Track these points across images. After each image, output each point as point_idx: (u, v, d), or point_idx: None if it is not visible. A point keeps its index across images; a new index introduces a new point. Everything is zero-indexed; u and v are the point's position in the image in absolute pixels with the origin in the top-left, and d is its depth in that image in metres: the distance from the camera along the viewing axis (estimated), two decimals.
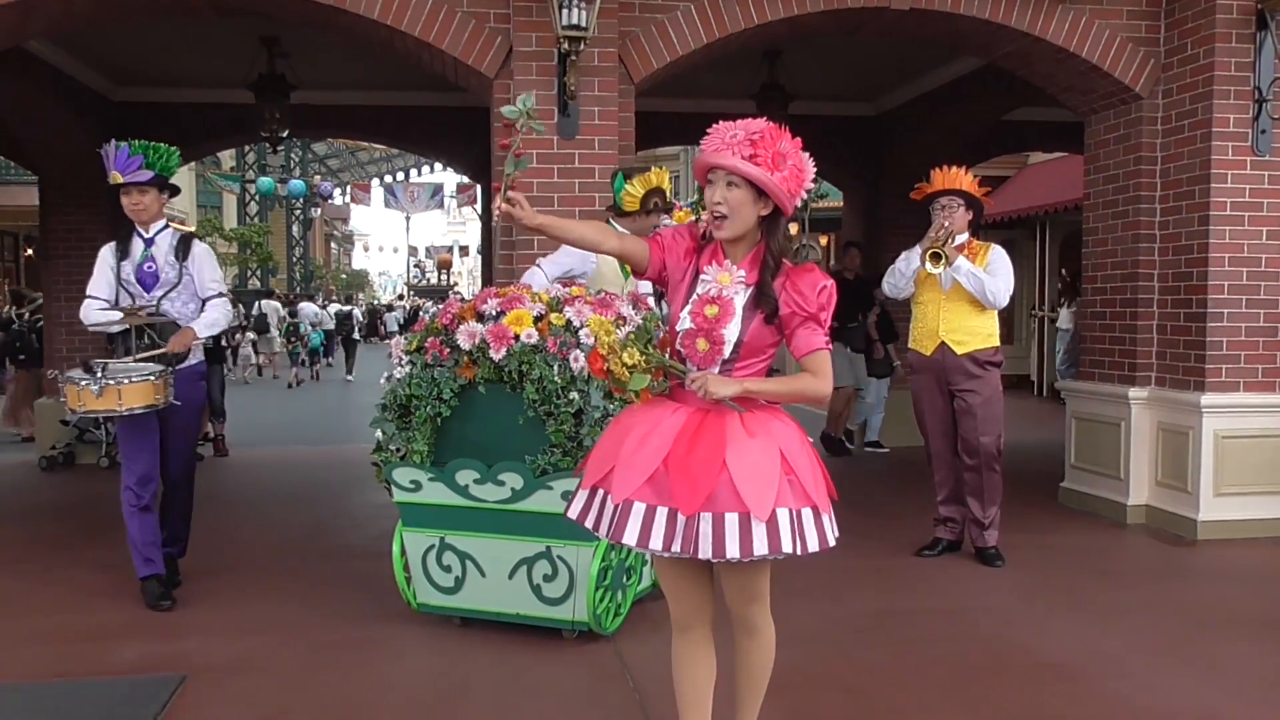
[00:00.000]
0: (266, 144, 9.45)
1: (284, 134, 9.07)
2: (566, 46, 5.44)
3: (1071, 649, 4.17)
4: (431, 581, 4.30)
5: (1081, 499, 6.83)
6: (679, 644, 2.79)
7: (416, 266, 65.41)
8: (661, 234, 2.74)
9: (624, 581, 4.30)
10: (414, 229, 62.15)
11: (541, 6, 5.47)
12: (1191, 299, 6.14)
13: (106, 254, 4.78)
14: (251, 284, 31.21)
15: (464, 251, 61.56)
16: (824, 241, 20.31)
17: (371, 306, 43.35)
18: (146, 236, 4.77)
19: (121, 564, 4.94)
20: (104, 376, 4.35)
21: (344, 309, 27.76)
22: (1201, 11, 6.02)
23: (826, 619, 4.54)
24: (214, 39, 7.76)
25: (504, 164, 2.78)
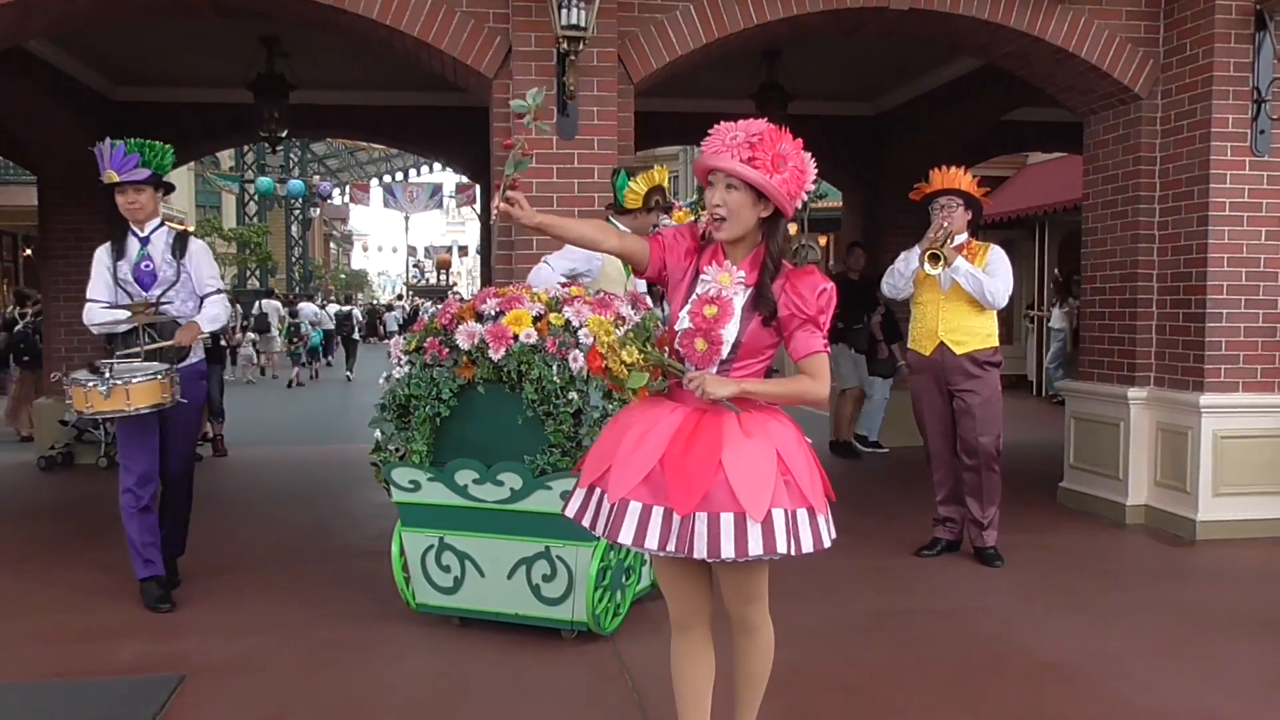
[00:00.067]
0: (265, 144, 9.45)
1: (283, 134, 9.08)
2: (566, 46, 5.43)
3: (1071, 649, 4.17)
4: (431, 581, 4.30)
5: (1080, 499, 6.83)
6: (678, 644, 2.79)
7: (415, 266, 65.42)
8: (662, 233, 2.74)
9: (623, 581, 4.30)
10: (413, 229, 62.21)
11: (541, 6, 5.47)
12: (1190, 299, 6.14)
13: (102, 255, 4.75)
14: (251, 284, 31.22)
15: (463, 251, 61.59)
16: (823, 242, 20.33)
17: (371, 306, 43.36)
18: (142, 235, 4.75)
19: (120, 564, 4.93)
20: (112, 377, 4.35)
21: (344, 309, 27.80)
22: (1200, 12, 6.02)
23: (826, 619, 4.54)
24: (213, 39, 7.76)
25: (505, 164, 2.78)
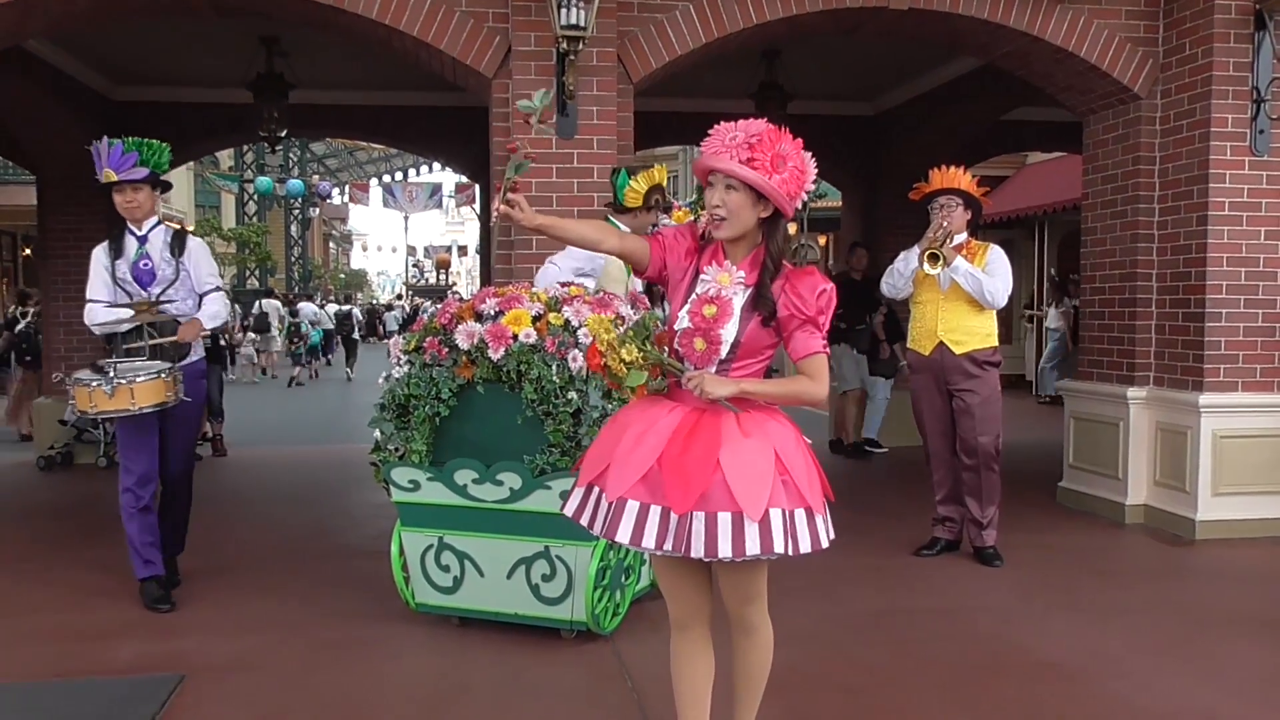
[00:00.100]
0: (265, 143, 9.45)
1: (282, 133, 9.08)
2: (565, 46, 5.43)
3: (1070, 648, 4.17)
4: (430, 581, 4.30)
5: (1080, 499, 6.83)
6: (677, 643, 2.79)
7: (415, 266, 65.45)
8: (663, 233, 2.74)
9: (622, 581, 4.30)
10: (412, 229, 62.27)
11: (540, 6, 5.47)
12: (1190, 299, 6.14)
13: (100, 254, 4.72)
14: (250, 284, 31.21)
15: (462, 251, 61.61)
16: (822, 241, 20.33)
17: (370, 306, 43.36)
18: (140, 234, 4.72)
19: (120, 564, 4.93)
20: (116, 376, 4.35)
21: (343, 308, 27.82)
22: (1200, 11, 6.02)
23: (825, 618, 4.55)
24: (213, 38, 7.76)
25: (506, 167, 2.78)
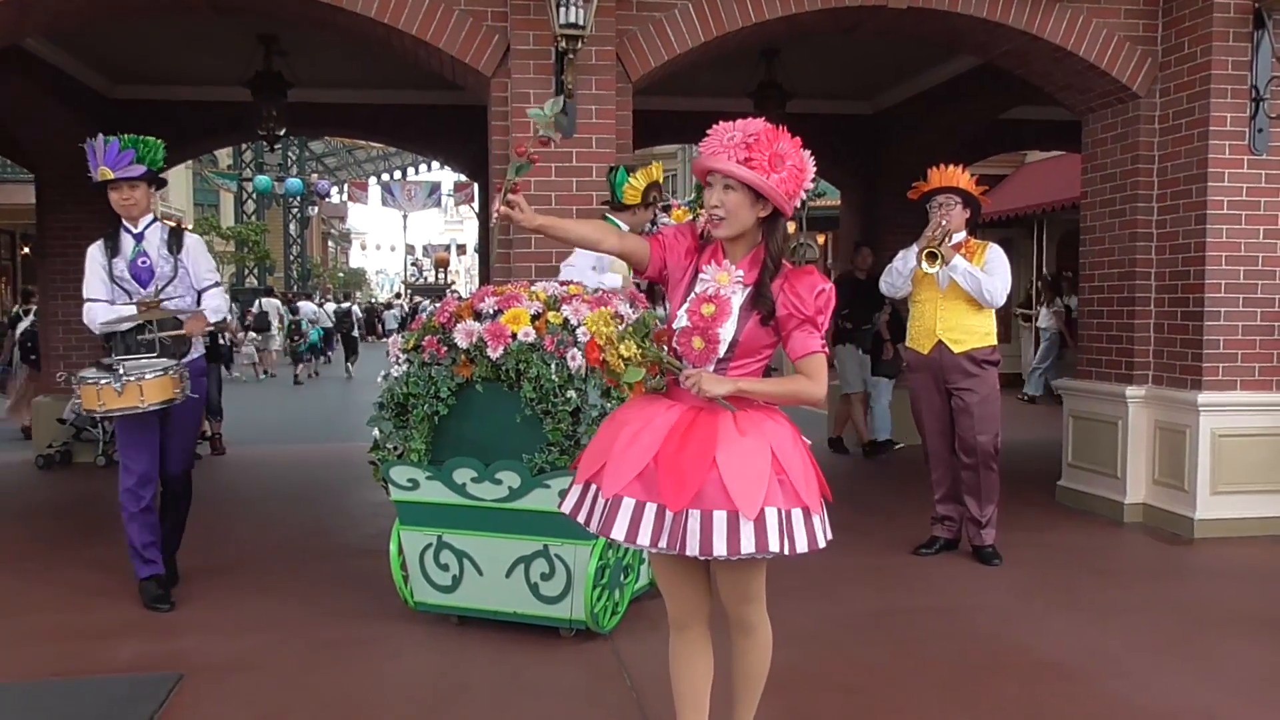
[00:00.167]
0: (264, 142, 9.44)
1: (281, 132, 9.06)
2: (564, 45, 5.43)
3: (1069, 647, 4.17)
4: (429, 580, 4.30)
5: (1079, 497, 6.83)
6: (676, 642, 2.79)
7: (414, 265, 65.44)
8: (663, 233, 2.75)
9: (621, 580, 4.30)
10: (411, 227, 62.25)
11: (539, 5, 5.47)
12: (1189, 298, 6.14)
13: (96, 253, 4.67)
14: (249, 282, 31.20)
15: (461, 250, 61.60)
16: (821, 240, 20.33)
17: (369, 305, 43.36)
18: (136, 231, 4.68)
19: (119, 563, 4.94)
20: (125, 373, 4.35)
21: (343, 306, 27.84)
22: (1199, 10, 6.02)
23: (824, 618, 4.55)
24: (212, 37, 7.75)
25: (507, 166, 2.78)
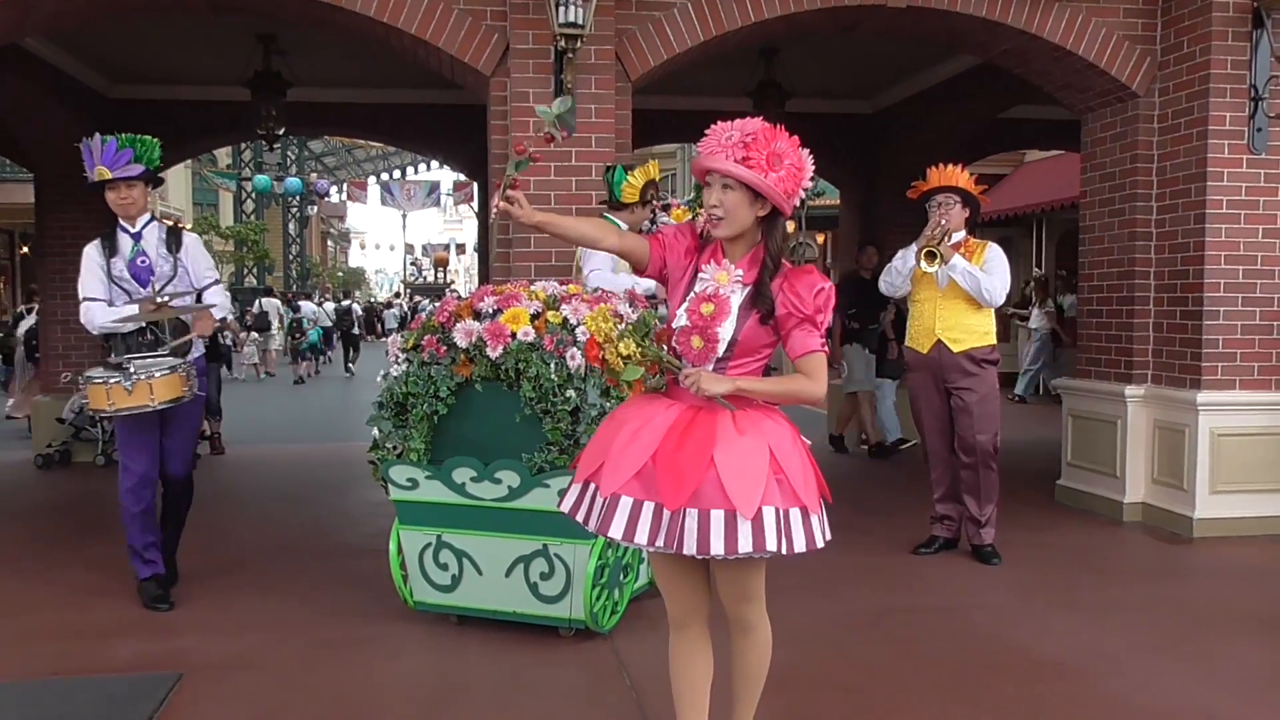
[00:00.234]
0: (263, 141, 9.43)
1: (280, 131, 9.06)
2: (564, 44, 5.43)
3: (1069, 647, 4.17)
4: (428, 579, 4.30)
5: (1078, 497, 6.83)
6: (676, 642, 2.79)
7: (413, 264, 65.45)
8: (663, 232, 2.75)
9: (621, 579, 4.30)
10: (410, 227, 62.19)
11: (538, 4, 5.47)
12: (1188, 297, 6.14)
13: (93, 253, 4.63)
14: (248, 282, 31.20)
15: (460, 249, 61.62)
16: (820, 239, 20.33)
17: (369, 304, 43.36)
18: (133, 231, 4.65)
19: (119, 562, 4.93)
20: (136, 372, 4.35)
21: (343, 304, 27.85)
22: (1198, 10, 6.02)
23: (824, 617, 4.55)
24: (211, 37, 7.75)
25: (507, 163, 2.79)
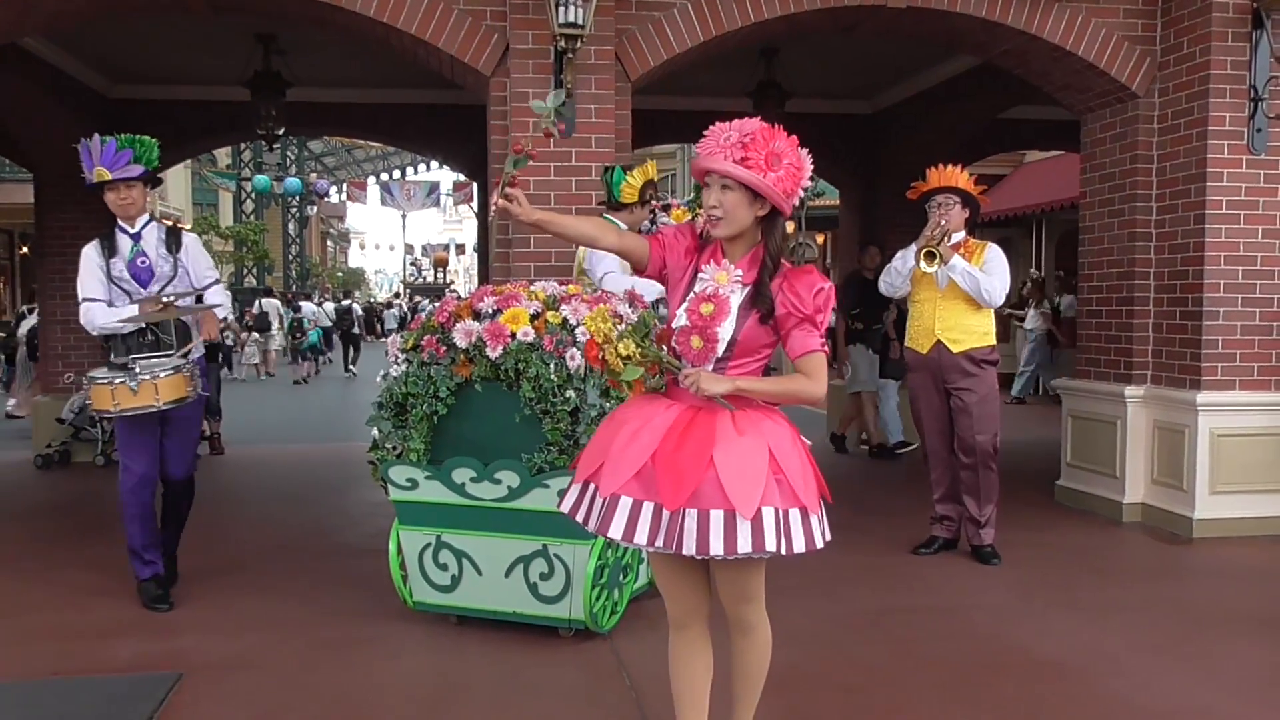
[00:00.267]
0: (262, 141, 9.43)
1: (280, 131, 9.05)
2: (563, 44, 5.43)
3: (1069, 647, 4.17)
4: (428, 580, 4.30)
5: (1077, 497, 6.83)
6: (675, 642, 2.79)
7: (413, 264, 65.44)
8: (663, 232, 2.76)
9: (620, 580, 4.30)
10: (410, 227, 62.22)
11: (538, 4, 5.47)
12: (1187, 297, 6.14)
13: (92, 253, 4.60)
14: (248, 282, 31.20)
15: (460, 249, 61.62)
16: (820, 240, 20.34)
17: (368, 304, 43.36)
18: (132, 231, 4.63)
19: (118, 562, 4.93)
20: (141, 372, 4.36)
21: (343, 304, 27.84)
22: (1197, 10, 6.03)
23: (823, 617, 4.55)
24: (210, 36, 7.75)
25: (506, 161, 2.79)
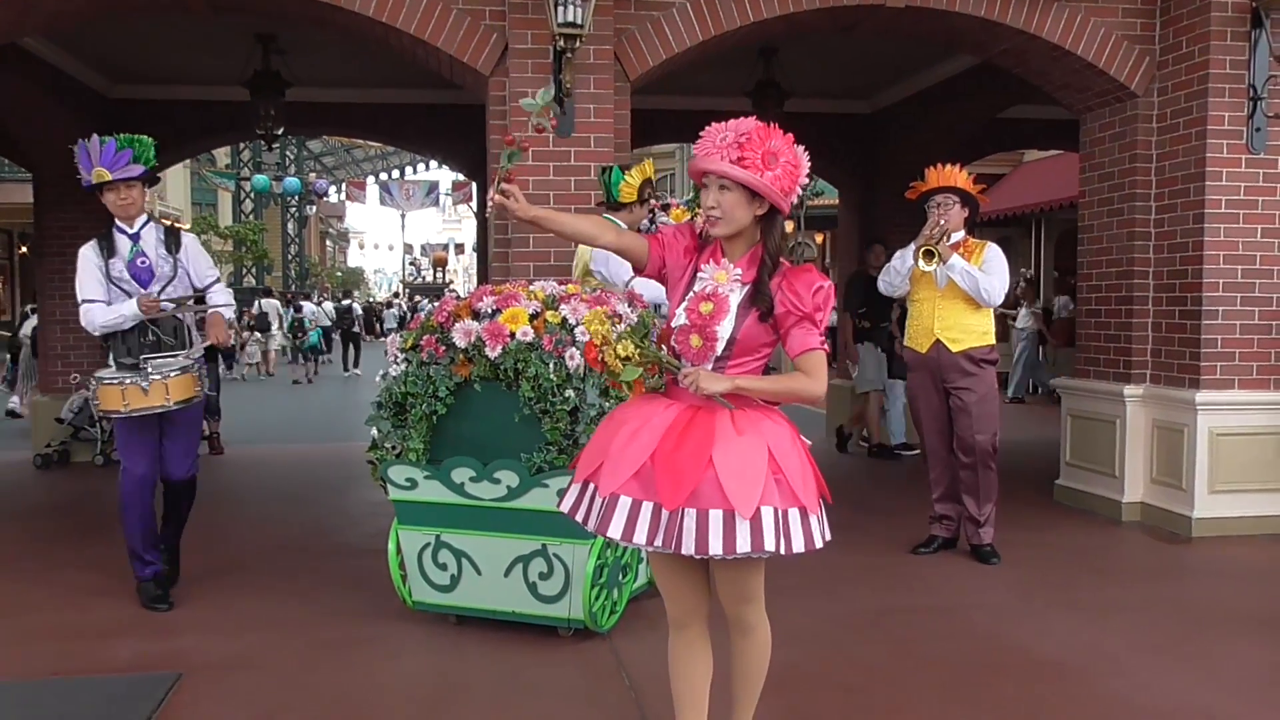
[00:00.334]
0: (262, 141, 9.43)
1: (279, 131, 9.04)
2: (562, 44, 5.43)
3: (1068, 646, 4.17)
4: (427, 579, 4.30)
5: (1077, 496, 6.84)
6: (675, 642, 2.80)
7: (412, 264, 65.46)
8: (662, 232, 2.76)
9: (620, 579, 4.30)
10: (409, 226, 62.21)
11: (537, 4, 5.46)
12: (1186, 296, 6.15)
13: (90, 254, 4.58)
14: (247, 281, 31.20)
15: (459, 249, 61.66)
16: (819, 239, 20.35)
17: (368, 304, 43.36)
18: (131, 232, 4.62)
19: (118, 562, 4.93)
20: (153, 372, 4.37)
21: (343, 304, 27.83)
22: (1197, 10, 6.03)
23: (823, 617, 4.55)
24: (210, 36, 7.74)
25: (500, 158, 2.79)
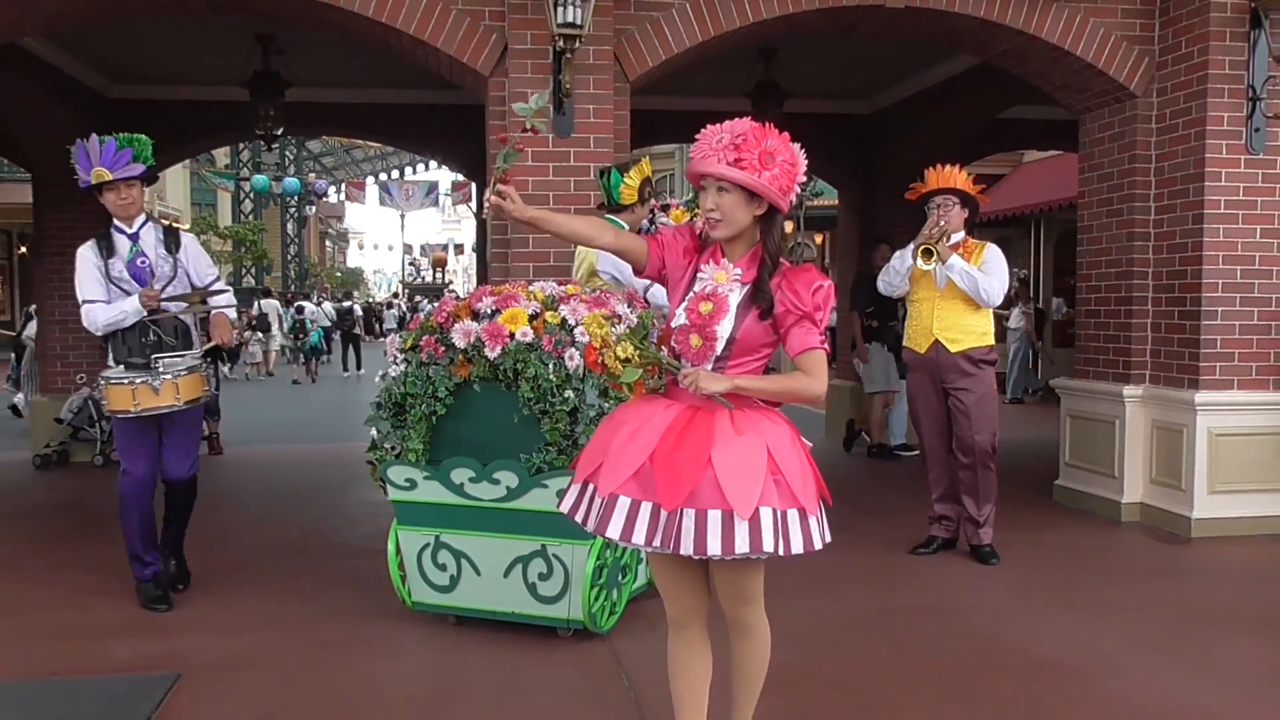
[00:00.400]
0: (261, 141, 9.43)
1: (279, 131, 9.05)
2: (562, 44, 5.43)
3: (1068, 647, 4.17)
4: (427, 580, 4.30)
5: (1076, 497, 6.84)
6: (674, 642, 2.79)
7: (411, 264, 65.46)
8: (662, 233, 2.76)
9: (619, 580, 4.30)
10: (409, 227, 62.24)
11: (536, 4, 5.47)
12: (1186, 297, 6.15)
13: (89, 254, 4.57)
14: (246, 282, 31.20)
15: (459, 249, 61.68)
16: (819, 239, 20.35)
17: (367, 304, 43.36)
18: (130, 232, 4.60)
19: (117, 563, 4.93)
20: (164, 371, 4.39)
21: (344, 305, 27.82)
22: (1196, 10, 6.03)
23: (823, 617, 4.55)
24: (210, 36, 7.74)
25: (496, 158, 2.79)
